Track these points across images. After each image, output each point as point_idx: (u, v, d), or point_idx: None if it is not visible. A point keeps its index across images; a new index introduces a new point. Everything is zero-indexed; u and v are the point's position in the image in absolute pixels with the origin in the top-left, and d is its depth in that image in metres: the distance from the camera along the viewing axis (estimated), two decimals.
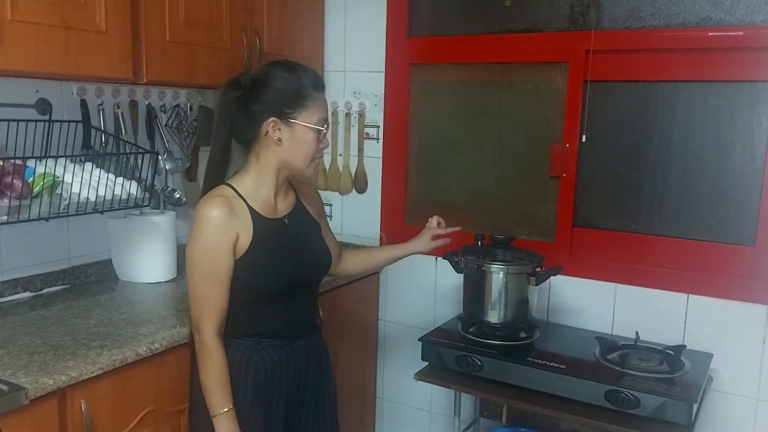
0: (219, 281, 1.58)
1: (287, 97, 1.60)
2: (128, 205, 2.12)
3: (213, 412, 1.59)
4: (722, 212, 2.25)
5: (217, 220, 1.57)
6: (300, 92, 1.60)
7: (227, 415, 1.58)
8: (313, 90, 1.62)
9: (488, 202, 2.67)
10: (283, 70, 1.62)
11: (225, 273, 1.59)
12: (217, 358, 1.59)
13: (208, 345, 1.58)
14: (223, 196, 1.61)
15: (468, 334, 2.22)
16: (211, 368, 1.59)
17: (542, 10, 2.46)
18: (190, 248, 1.60)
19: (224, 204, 1.58)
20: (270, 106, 1.60)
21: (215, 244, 1.57)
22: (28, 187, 1.82)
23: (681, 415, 1.81)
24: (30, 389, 1.44)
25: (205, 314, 1.59)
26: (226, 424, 1.58)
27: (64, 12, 1.75)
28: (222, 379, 1.59)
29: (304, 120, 1.61)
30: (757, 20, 2.12)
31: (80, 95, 2.15)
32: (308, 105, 1.61)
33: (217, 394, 1.58)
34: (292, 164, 1.65)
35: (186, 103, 2.53)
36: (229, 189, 1.64)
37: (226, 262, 1.58)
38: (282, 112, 1.60)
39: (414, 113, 2.75)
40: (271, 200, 1.68)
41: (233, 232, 1.58)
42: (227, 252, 1.58)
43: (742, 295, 2.16)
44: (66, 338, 1.75)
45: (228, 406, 1.59)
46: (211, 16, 2.21)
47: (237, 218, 1.59)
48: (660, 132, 2.31)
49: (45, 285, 2.15)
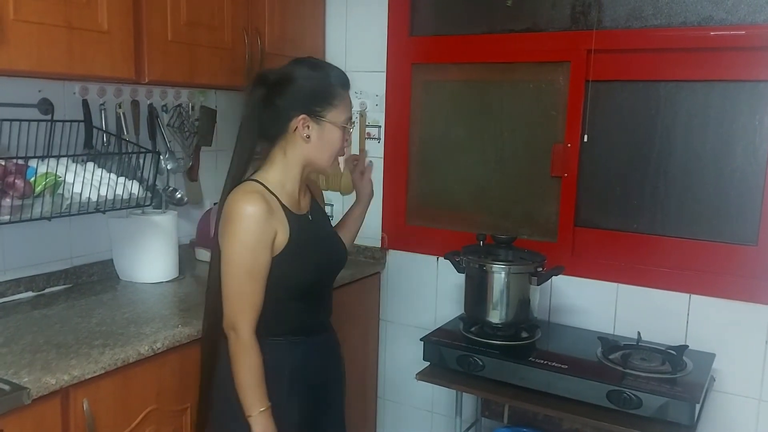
0: (258, 278, 1.58)
1: (316, 95, 1.62)
2: (130, 205, 2.12)
3: (249, 411, 1.58)
4: (724, 212, 2.25)
5: (256, 217, 1.55)
6: (329, 90, 1.63)
7: (265, 414, 1.59)
8: (340, 88, 1.65)
9: (490, 202, 2.66)
10: (310, 68, 1.66)
11: (264, 269, 1.59)
12: (255, 356, 1.59)
13: (246, 343, 1.58)
14: (257, 192, 1.60)
15: (470, 334, 2.22)
16: (249, 367, 1.58)
17: (544, 9, 2.45)
18: (229, 245, 1.57)
19: (261, 200, 1.57)
20: (299, 103, 1.62)
21: (256, 241, 1.56)
22: (30, 187, 1.83)
23: (683, 415, 1.80)
24: (32, 389, 1.44)
25: (243, 312, 1.58)
26: (264, 423, 1.58)
27: (66, 12, 1.75)
28: (259, 378, 1.59)
29: (332, 118, 1.63)
30: (759, 20, 2.12)
31: (82, 95, 2.16)
32: (336, 104, 1.63)
33: (254, 393, 1.58)
34: (317, 161, 1.67)
35: (188, 103, 2.53)
36: (258, 184, 1.63)
37: (265, 258, 1.58)
38: (312, 110, 1.62)
39: (415, 113, 2.75)
40: (296, 196, 1.69)
41: (272, 229, 1.59)
42: (266, 248, 1.58)
43: (745, 295, 2.15)
44: (68, 337, 1.75)
45: (265, 405, 1.59)
46: (212, 16, 2.21)
47: (274, 215, 1.60)
48: (662, 131, 2.31)
49: (47, 284, 2.16)
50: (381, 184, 2.79)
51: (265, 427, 1.59)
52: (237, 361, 1.59)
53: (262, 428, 1.58)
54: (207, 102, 2.59)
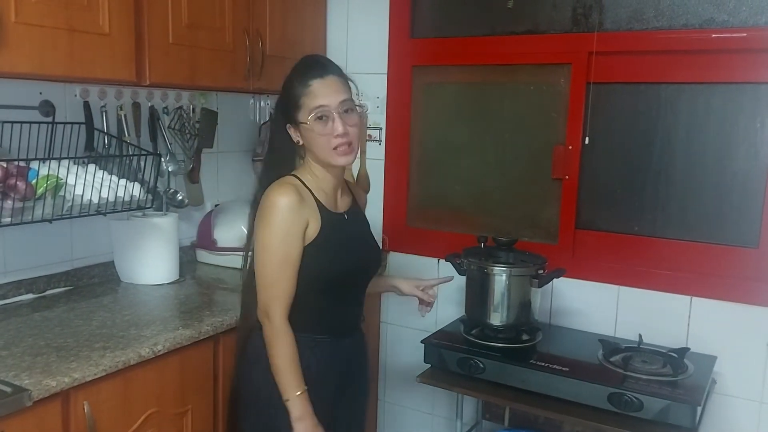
0: (291, 265, 1.63)
1: (286, 103, 1.69)
2: (131, 207, 2.12)
3: (286, 395, 1.62)
4: (725, 214, 2.24)
5: (289, 205, 1.61)
6: (291, 93, 1.67)
7: (302, 396, 1.62)
8: (300, 86, 1.65)
9: (491, 205, 2.66)
10: (287, 77, 1.70)
11: (297, 257, 1.63)
12: (289, 340, 1.63)
13: (279, 328, 1.62)
14: (291, 185, 1.66)
15: (470, 337, 2.22)
16: (283, 351, 1.62)
17: (545, 11, 2.45)
18: (264, 234, 1.63)
19: (294, 191, 1.63)
20: (281, 115, 1.71)
21: (289, 228, 1.62)
22: (31, 189, 1.83)
23: (684, 418, 1.80)
24: (33, 391, 1.44)
25: (276, 298, 1.63)
26: (302, 405, 1.62)
27: (67, 14, 1.75)
28: (294, 361, 1.63)
29: (302, 118, 1.66)
30: (761, 22, 2.12)
31: (83, 97, 2.16)
32: (301, 103, 1.65)
33: (290, 376, 1.62)
34: (321, 158, 1.69)
35: (189, 105, 2.53)
36: (295, 179, 1.69)
37: (298, 246, 1.63)
38: (289, 117, 1.69)
39: (416, 115, 2.75)
40: (332, 194, 1.74)
41: (304, 218, 1.64)
42: (299, 236, 1.63)
43: (746, 297, 2.15)
44: (69, 340, 1.75)
45: (302, 388, 1.62)
46: (213, 18, 2.21)
47: (306, 205, 1.65)
48: (663, 134, 2.31)
49: (48, 287, 2.15)
50: (382, 186, 2.79)
51: (303, 410, 1.62)
52: (272, 347, 1.63)
53: (299, 411, 1.62)
54: (208, 104, 2.59)
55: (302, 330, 1.67)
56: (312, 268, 1.65)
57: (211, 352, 1.94)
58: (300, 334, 1.67)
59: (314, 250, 1.65)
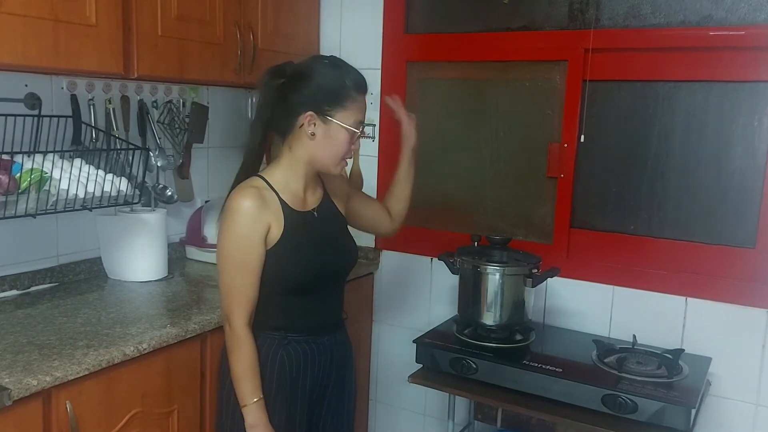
0: (250, 271, 1.60)
1: (327, 94, 1.62)
2: (118, 203, 2.09)
3: (243, 401, 1.60)
4: (722, 214, 2.22)
5: (248, 210, 1.58)
6: (341, 91, 1.62)
7: (257, 404, 1.60)
8: (354, 91, 1.63)
9: (485, 203, 2.64)
10: (328, 66, 1.66)
11: (256, 263, 1.60)
12: (248, 348, 1.60)
13: (239, 335, 1.60)
14: (254, 188, 1.62)
15: (463, 336, 2.19)
16: (242, 358, 1.60)
17: (541, 7, 2.43)
18: (222, 238, 1.61)
19: (256, 195, 1.60)
20: (309, 100, 1.62)
21: (247, 233, 1.58)
22: (15, 183, 1.80)
23: (679, 420, 1.78)
24: (13, 390, 1.41)
25: (235, 304, 1.60)
26: (256, 413, 1.60)
27: (53, 4, 1.72)
28: (252, 369, 1.61)
29: (340, 119, 1.62)
30: (759, 19, 2.10)
31: (70, 90, 2.12)
32: (347, 105, 1.62)
33: (247, 384, 1.60)
34: (321, 161, 1.66)
35: (178, 99, 2.50)
36: (260, 180, 1.65)
37: (257, 252, 1.59)
38: (320, 108, 1.61)
39: (410, 111, 2.71)
40: (300, 193, 1.69)
41: (265, 222, 1.60)
42: (259, 242, 1.59)
43: (742, 298, 2.13)
44: (52, 338, 1.71)
45: (258, 396, 1.60)
46: (204, 10, 2.18)
47: (268, 209, 1.61)
48: (659, 132, 2.28)
49: (32, 283, 2.12)
50: (375, 183, 2.76)
51: (257, 418, 1.60)
52: (232, 353, 1.61)
53: (253, 419, 1.60)
54: (198, 98, 2.56)
55: (274, 328, 1.65)
56: (276, 271, 1.61)
57: (199, 350, 1.91)
58: (272, 333, 1.65)
59: (277, 254, 1.61)
